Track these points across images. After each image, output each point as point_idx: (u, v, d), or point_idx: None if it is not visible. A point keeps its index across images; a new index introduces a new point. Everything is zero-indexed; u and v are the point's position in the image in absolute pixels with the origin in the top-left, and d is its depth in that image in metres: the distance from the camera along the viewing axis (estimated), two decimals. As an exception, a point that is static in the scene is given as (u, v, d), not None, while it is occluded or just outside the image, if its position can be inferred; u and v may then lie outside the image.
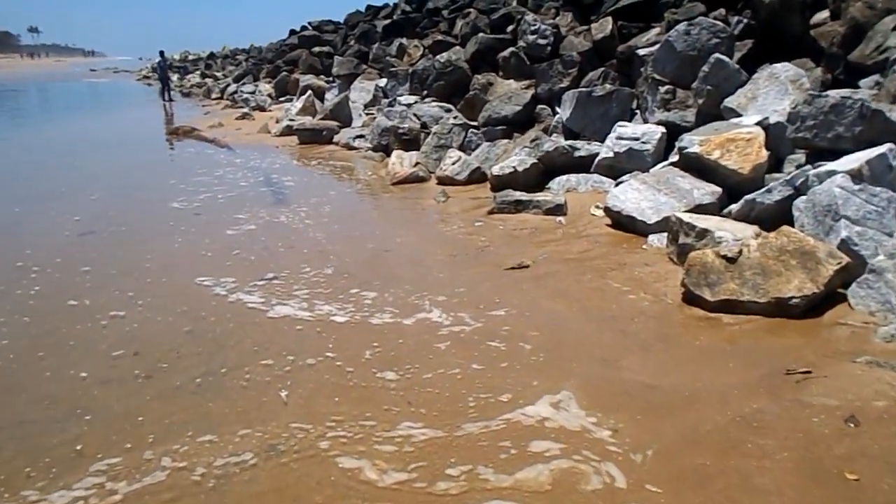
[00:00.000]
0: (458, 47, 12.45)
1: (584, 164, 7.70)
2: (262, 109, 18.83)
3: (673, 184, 5.93)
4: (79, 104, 27.74)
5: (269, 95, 20.52)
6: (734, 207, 5.43)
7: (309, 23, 25.41)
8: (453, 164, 8.29)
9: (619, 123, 7.60)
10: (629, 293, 4.54)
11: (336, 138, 12.13)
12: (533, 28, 10.41)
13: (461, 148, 9.32)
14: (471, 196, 7.65)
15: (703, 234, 4.83)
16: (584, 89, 8.55)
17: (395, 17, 18.57)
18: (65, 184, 8.97)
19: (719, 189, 5.74)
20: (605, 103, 8.26)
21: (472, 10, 14.06)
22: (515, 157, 7.86)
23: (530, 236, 5.99)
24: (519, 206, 6.71)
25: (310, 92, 15.63)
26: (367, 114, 13.29)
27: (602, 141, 7.96)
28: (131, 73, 58.23)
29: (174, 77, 35.30)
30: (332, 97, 15.97)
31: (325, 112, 13.15)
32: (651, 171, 6.60)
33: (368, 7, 22.02)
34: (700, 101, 7.19)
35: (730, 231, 4.76)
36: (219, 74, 32.69)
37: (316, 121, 12.92)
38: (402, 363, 3.64)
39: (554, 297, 4.54)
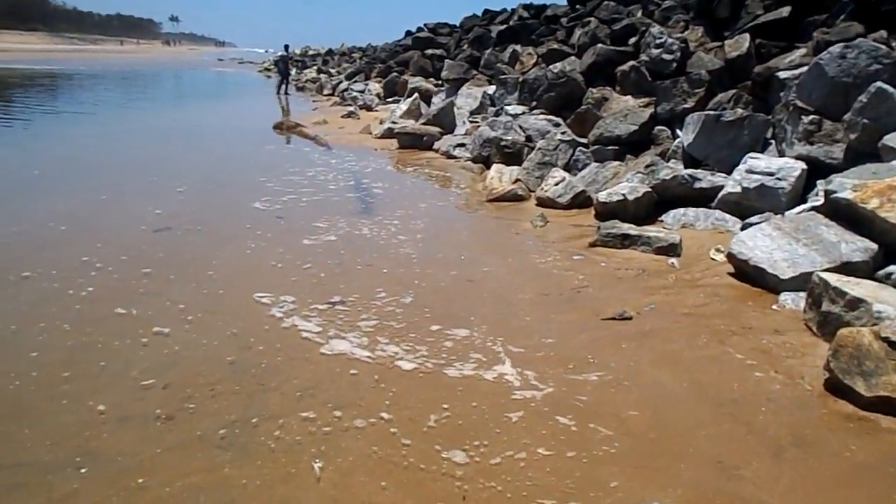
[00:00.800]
0: (573, 57, 11.69)
1: (704, 198, 6.81)
2: (369, 109, 18.68)
3: (815, 234, 4.98)
4: (198, 92, 28.78)
5: (378, 95, 20.39)
6: (894, 271, 4.46)
7: (425, 24, 25.23)
8: (556, 184, 7.57)
9: (751, 155, 6.66)
10: (755, 369, 3.70)
11: (436, 145, 11.64)
12: (658, 41, 9.51)
13: (566, 167, 8.58)
14: (572, 223, 6.91)
15: (856, 303, 3.92)
16: (711, 112, 7.62)
17: (511, 22, 17.95)
18: (158, 173, 8.89)
19: (875, 246, 4.75)
20: (735, 130, 7.31)
21: (592, 18, 13.25)
22: (626, 182, 7.05)
23: (636, 279, 5.20)
24: (626, 241, 5.91)
25: (416, 94, 15.26)
26: (471, 121, 12.73)
27: (727, 172, 7.04)
28: (255, 65, 60.46)
29: (292, 71, 36.19)
30: (438, 101, 15.55)
31: (428, 117, 12.70)
32: (787, 214, 5.65)
33: (486, 11, 21.53)
34: (852, 136, 6.16)
35: (892, 304, 3.82)
36: (333, 71, 33.17)
37: (418, 125, 12.48)
38: (471, 437, 3.00)
39: (660, 364, 3.76)
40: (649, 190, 6.79)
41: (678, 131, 8.46)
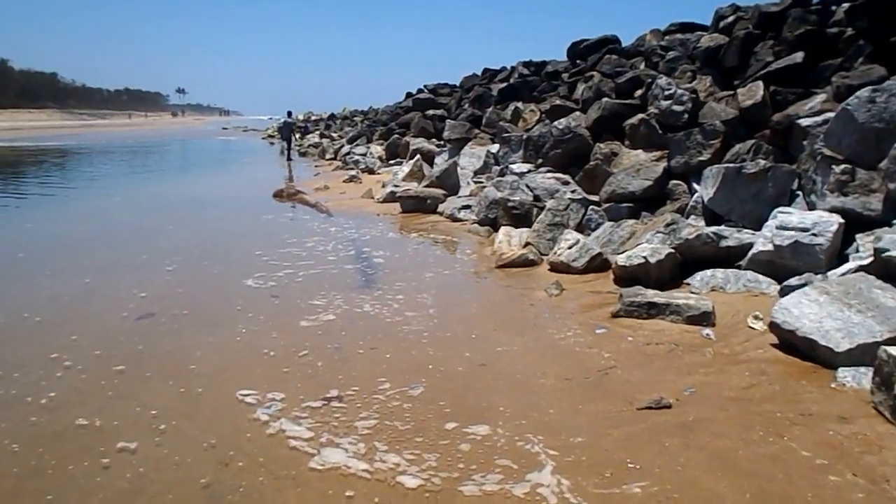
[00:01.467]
0: (578, 113, 11.35)
1: (731, 257, 6.30)
2: (371, 172, 18.42)
3: (869, 298, 4.43)
4: (200, 161, 28.74)
5: (380, 158, 20.17)
6: (970, 340, 3.90)
7: (425, 85, 25.26)
8: (569, 248, 7.06)
9: (781, 209, 6.16)
10: (828, 471, 3.11)
11: (441, 207, 11.22)
12: (667, 92, 9.15)
13: (579, 227, 8.10)
14: (590, 289, 6.38)
15: (938, 385, 3.35)
16: (731, 165, 7.18)
17: (511, 80, 17.82)
18: (148, 250, 8.44)
19: (940, 310, 4.20)
20: (759, 182, 6.84)
21: (595, 73, 13.01)
22: (646, 244, 6.54)
23: (669, 356, 4.63)
24: (652, 311, 5.36)
25: (418, 156, 14.96)
26: (475, 182, 12.35)
27: (754, 228, 6.55)
28: (258, 132, 61.12)
29: (295, 136, 36.37)
30: (441, 162, 15.24)
31: (430, 179, 12.33)
32: (831, 275, 5.13)
33: (485, 70, 21.50)
34: (891, 186, 5.66)
35: (983, 386, 3.25)
36: (335, 135, 33.24)
37: (420, 188, 12.10)
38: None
39: (713, 468, 3.17)
40: (672, 251, 6.28)
41: (695, 185, 8.01)
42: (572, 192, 8.94)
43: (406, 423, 3.72)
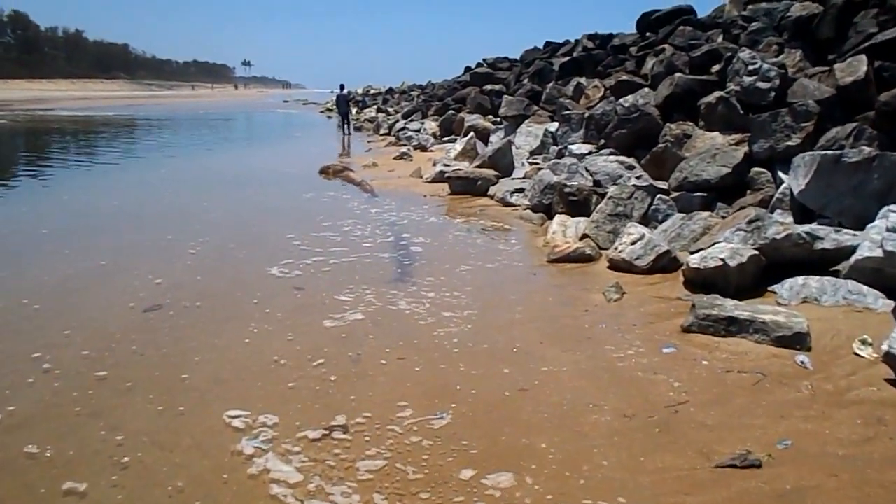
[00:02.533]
0: (646, 89, 10.31)
1: (827, 261, 5.34)
2: (424, 149, 17.67)
3: None
4: (254, 134, 28.55)
5: (433, 134, 19.40)
6: None
7: (484, 59, 24.27)
8: (633, 243, 6.17)
9: (891, 207, 5.14)
10: None
11: (492, 190, 10.39)
12: (752, 67, 8.06)
13: (644, 219, 7.18)
14: (655, 294, 5.50)
15: None
16: (827, 152, 6.14)
17: (574, 54, 16.73)
18: (176, 230, 7.92)
19: None
20: (861, 173, 5.81)
21: (667, 46, 11.87)
22: (724, 243, 5.60)
23: (755, 390, 3.75)
24: (732, 328, 4.47)
25: (472, 134, 14.13)
26: (530, 163, 11.45)
27: (853, 226, 5.55)
28: (318, 105, 61.04)
29: (353, 110, 35.83)
30: (495, 140, 14.37)
31: (483, 158, 11.47)
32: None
33: (547, 44, 20.37)
34: None
35: None
36: (391, 110, 32.57)
37: (471, 168, 11.28)
38: None
39: (825, 570, 2.34)
40: (756, 253, 5.33)
41: (781, 174, 6.98)
42: (637, 177, 7.99)
43: (419, 470, 2.98)
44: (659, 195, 7.38)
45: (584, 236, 7.03)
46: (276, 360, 4.21)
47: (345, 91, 27.83)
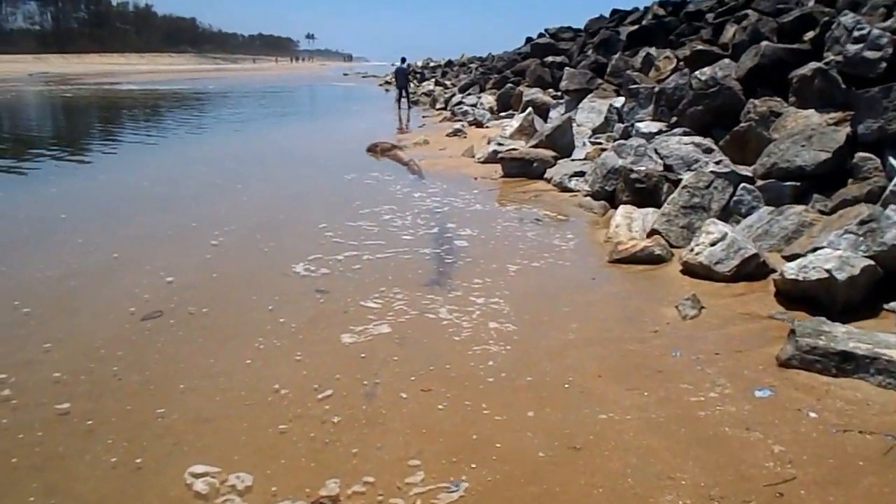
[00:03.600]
0: (726, 60, 9.15)
1: (962, 275, 4.28)
2: (479, 125, 16.73)
3: None
4: (306, 109, 27.98)
5: (490, 109, 18.41)
6: None
7: (546, 30, 23.04)
8: (712, 244, 5.21)
9: None
10: None
11: (549, 173, 9.45)
12: (858, 34, 6.86)
13: (724, 212, 6.18)
14: (741, 308, 4.55)
15: None
16: (960, 136, 5.02)
17: (644, 22, 15.46)
18: (202, 216, 7.33)
19: None
20: None
21: (749, 11, 10.60)
22: (828, 249, 4.59)
23: (885, 462, 2.83)
24: (847, 365, 3.51)
25: (530, 109, 13.12)
26: (592, 142, 10.43)
27: None
28: (378, 78, 60.42)
29: (411, 84, 35.02)
30: (555, 116, 13.35)
31: (540, 137, 10.51)
32: None
33: (614, 12, 19.05)
34: None
35: None
36: (448, 83, 31.59)
37: (527, 148, 10.34)
38: None
39: None
40: (870, 262, 4.33)
41: (893, 160, 5.87)
42: (716, 162, 6.95)
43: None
44: (743, 184, 6.35)
45: (653, 232, 6.09)
46: (276, 390, 3.50)
47: (405, 64, 27.05)
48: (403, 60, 27.93)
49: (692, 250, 5.30)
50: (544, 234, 6.71)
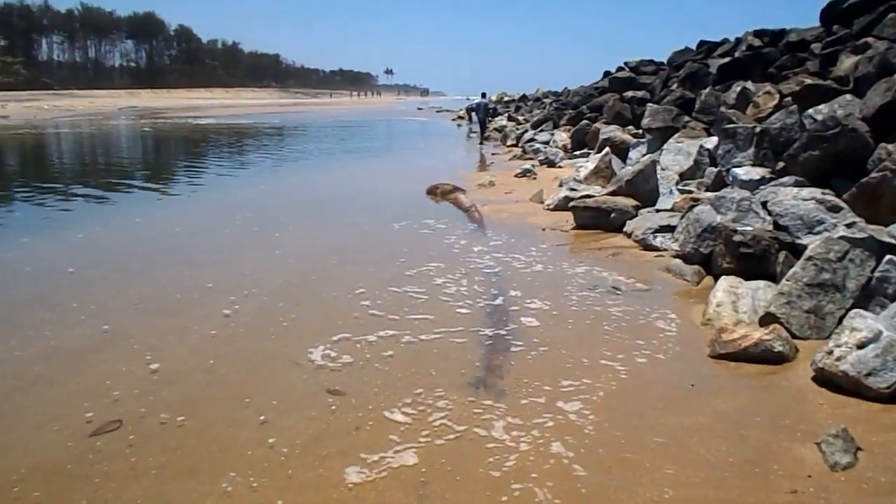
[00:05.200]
0: (847, 96, 7.70)
1: None
2: (551, 164, 15.54)
3: None
4: (373, 144, 27.37)
5: (564, 147, 17.19)
6: None
7: (626, 63, 21.70)
8: (860, 346, 3.83)
9: None
10: None
11: (629, 225, 8.14)
12: None
13: (864, 294, 4.76)
14: (914, 451, 3.17)
15: None
16: None
17: (737, 53, 14.00)
18: (221, 275, 6.38)
19: None
20: None
21: (870, 39, 9.10)
22: None
23: None
24: None
25: (607, 149, 11.85)
26: (681, 190, 9.06)
27: None
28: (452, 113, 60.10)
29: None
30: (635, 157, 12.01)
31: (619, 183, 9.22)
32: None
33: (701, 43, 17.57)
34: None
35: None
36: (521, 118, 30.53)
37: (604, 195, 9.08)
38: None
39: None
40: None
41: None
42: (848, 225, 5.53)
43: None
44: (889, 256, 4.91)
45: (769, 317, 4.73)
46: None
47: (486, 99, 26.35)
48: (484, 95, 27.26)
49: (831, 353, 3.92)
50: (627, 312, 5.42)
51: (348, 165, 17.73)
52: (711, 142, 9.92)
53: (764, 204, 6.47)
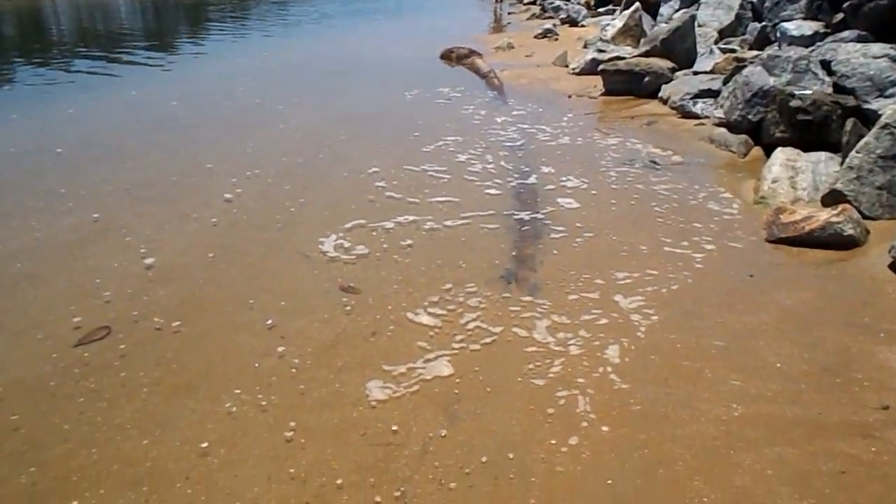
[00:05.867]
0: (924, -67, 6.67)
1: None
2: (574, 23, 14.40)
3: None
4: (383, 5, 25.70)
5: (587, 4, 15.91)
6: None
7: None
8: (952, 231, 3.33)
9: None
10: None
11: (664, 90, 7.41)
12: None
13: (949, 167, 4.18)
14: None
15: None
16: None
17: None
18: (222, 153, 5.81)
19: None
20: None
21: None
22: None
23: None
24: None
25: (637, 4, 10.79)
26: (722, 49, 8.19)
27: None
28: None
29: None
30: (668, 14, 10.96)
31: (653, 42, 8.34)
32: None
33: None
34: None
35: None
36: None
37: (636, 56, 8.24)
38: None
39: None
40: None
41: None
42: (926, 87, 4.85)
43: None
44: (976, 123, 4.28)
45: (835, 194, 4.19)
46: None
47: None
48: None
49: (914, 238, 3.43)
50: (670, 188, 4.89)
51: (355, 29, 16.58)
52: (757, -8, 8.92)
53: (824, 63, 5.73)
